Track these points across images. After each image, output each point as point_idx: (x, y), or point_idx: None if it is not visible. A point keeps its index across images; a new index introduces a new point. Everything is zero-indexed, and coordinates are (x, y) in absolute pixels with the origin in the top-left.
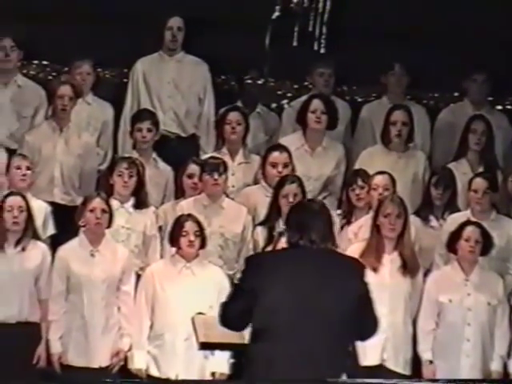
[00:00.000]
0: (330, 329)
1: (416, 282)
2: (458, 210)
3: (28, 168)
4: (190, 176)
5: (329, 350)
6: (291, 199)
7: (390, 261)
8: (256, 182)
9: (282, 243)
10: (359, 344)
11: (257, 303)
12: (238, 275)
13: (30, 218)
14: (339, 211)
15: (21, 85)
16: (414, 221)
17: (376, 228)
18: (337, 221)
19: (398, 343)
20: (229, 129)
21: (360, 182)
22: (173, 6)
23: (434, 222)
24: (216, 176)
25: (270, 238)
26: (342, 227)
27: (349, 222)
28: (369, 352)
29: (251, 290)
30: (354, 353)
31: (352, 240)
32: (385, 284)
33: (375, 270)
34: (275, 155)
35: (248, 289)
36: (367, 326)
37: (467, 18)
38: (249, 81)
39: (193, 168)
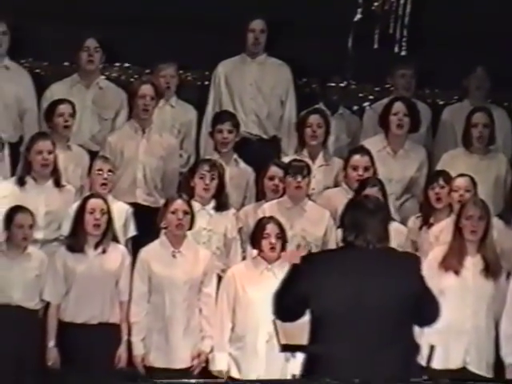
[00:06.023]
0: (386, 327)
1: (499, 285)
2: None
3: (110, 171)
4: (271, 178)
5: (384, 349)
6: None
7: (473, 263)
8: (336, 185)
9: None
10: (441, 349)
11: (311, 304)
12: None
13: (110, 220)
14: (418, 214)
15: (102, 87)
16: (497, 223)
17: (458, 231)
18: (416, 223)
19: (482, 346)
20: (309, 131)
21: (441, 182)
22: (255, 8)
23: None
24: (299, 179)
25: None
26: (420, 227)
27: (427, 223)
28: (452, 355)
29: (305, 290)
30: (413, 353)
31: (433, 243)
32: (468, 287)
33: (457, 272)
34: (356, 158)
35: (302, 289)
36: (428, 312)
37: None
38: (331, 83)
39: (274, 170)
